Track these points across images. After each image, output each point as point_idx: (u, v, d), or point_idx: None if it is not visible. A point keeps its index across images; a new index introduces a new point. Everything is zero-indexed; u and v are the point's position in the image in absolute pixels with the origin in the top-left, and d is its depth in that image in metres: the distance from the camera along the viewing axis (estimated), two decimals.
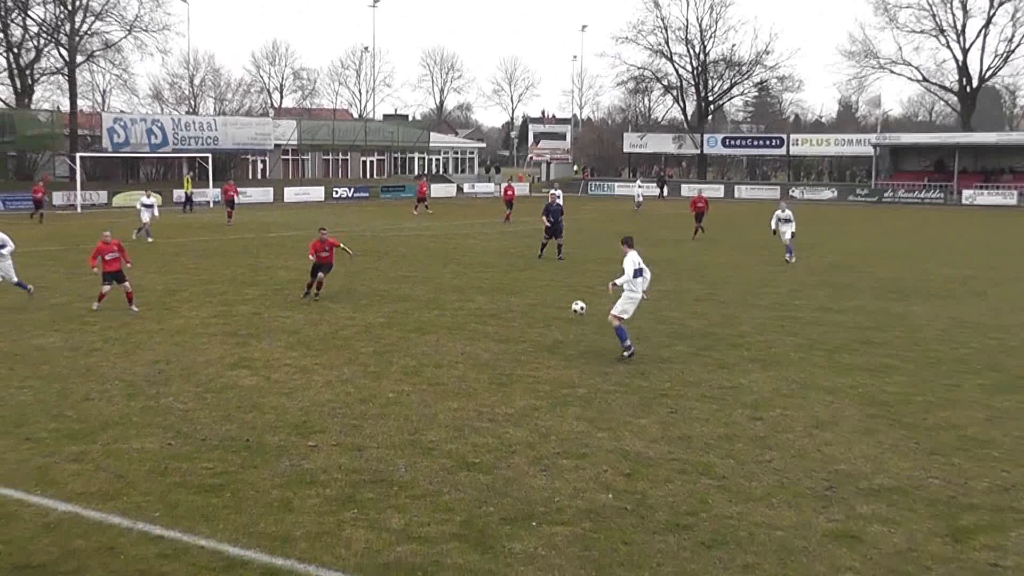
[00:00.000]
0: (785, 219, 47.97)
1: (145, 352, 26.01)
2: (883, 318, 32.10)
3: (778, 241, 48.58)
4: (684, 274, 42.69)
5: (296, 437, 18.42)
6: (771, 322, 31.07)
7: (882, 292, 37.92)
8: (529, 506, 14.92)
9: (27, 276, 39.44)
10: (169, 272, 42.65)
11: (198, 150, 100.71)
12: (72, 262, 45.72)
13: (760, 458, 17.42)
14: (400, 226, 49.15)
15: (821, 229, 69.51)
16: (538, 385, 22.57)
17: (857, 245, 58.48)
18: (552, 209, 49.22)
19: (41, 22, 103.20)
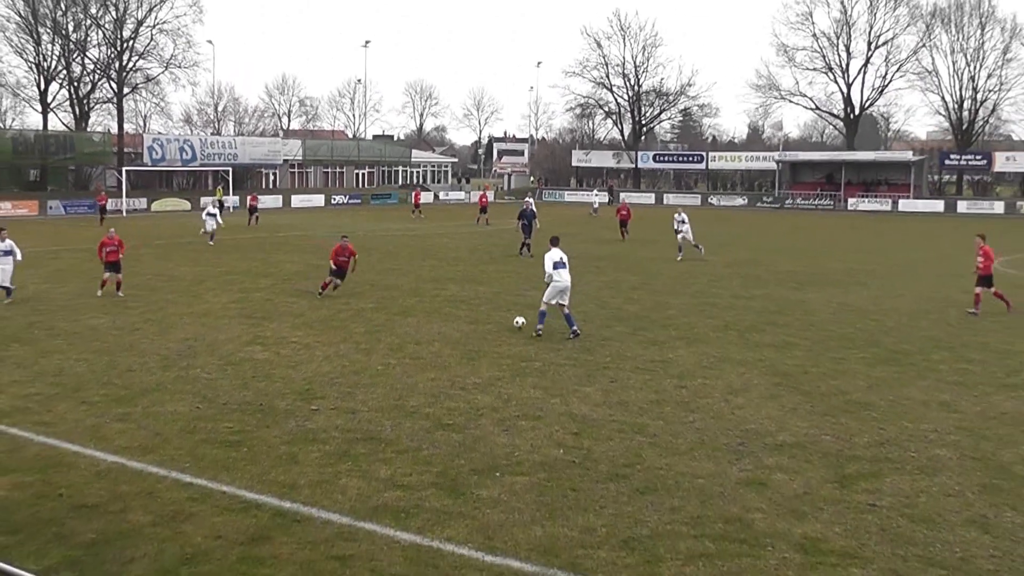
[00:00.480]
0: (680, 221, 47.93)
1: (177, 331, 25.86)
2: (784, 303, 32.13)
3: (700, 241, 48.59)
4: (622, 268, 42.65)
5: (301, 402, 18.32)
6: (694, 307, 31.04)
7: (784, 282, 37.98)
8: (494, 459, 14.85)
9: (82, 269, 39.42)
10: (197, 265, 42.45)
11: (221, 164, 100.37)
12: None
13: (684, 419, 17.38)
14: (387, 227, 49.07)
15: (734, 230, 69.66)
16: (501, 359, 22.48)
17: (764, 243, 58.58)
18: (526, 213, 49.09)
19: (96, 61, 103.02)
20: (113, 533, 11.89)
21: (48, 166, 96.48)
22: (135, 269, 40.01)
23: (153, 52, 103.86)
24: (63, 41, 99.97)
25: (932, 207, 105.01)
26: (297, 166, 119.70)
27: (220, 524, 12.16)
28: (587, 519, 12.50)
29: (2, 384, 19.70)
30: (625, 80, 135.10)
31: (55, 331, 25.83)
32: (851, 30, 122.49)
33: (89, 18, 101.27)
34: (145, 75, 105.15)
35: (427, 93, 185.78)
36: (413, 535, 11.90)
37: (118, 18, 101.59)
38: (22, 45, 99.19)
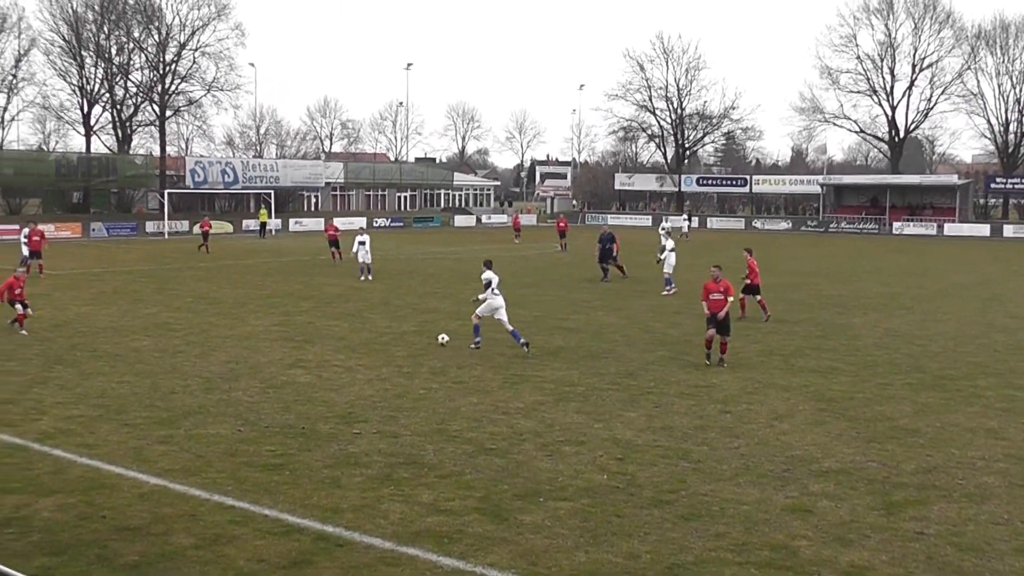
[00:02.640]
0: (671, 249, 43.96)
1: (219, 353, 25.98)
2: (829, 328, 31.98)
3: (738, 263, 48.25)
4: (664, 291, 42.53)
5: (343, 425, 18.36)
6: (737, 331, 30.80)
7: (828, 306, 37.81)
8: (537, 484, 14.83)
9: (126, 292, 39.69)
10: (239, 287, 42.64)
11: (263, 187, 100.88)
12: (161, 279, 45.74)
13: (729, 445, 17.31)
14: (428, 250, 49.25)
15: (778, 254, 69.36)
16: (544, 384, 22.47)
17: (808, 267, 58.33)
18: (604, 237, 48.56)
19: (139, 84, 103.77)
20: (155, 555, 11.94)
21: (91, 189, 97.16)
22: (177, 292, 40.30)
23: (195, 75, 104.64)
24: (106, 64, 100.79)
25: (978, 231, 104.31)
26: (339, 189, 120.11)
27: (262, 548, 12.19)
28: (631, 545, 12.46)
29: (45, 406, 19.85)
30: (668, 103, 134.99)
31: (98, 353, 26.00)
32: (895, 52, 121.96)
33: (132, 41, 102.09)
34: (187, 98, 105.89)
35: (469, 116, 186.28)
36: (455, 560, 11.90)
37: (161, 41, 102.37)
38: (66, 68, 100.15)
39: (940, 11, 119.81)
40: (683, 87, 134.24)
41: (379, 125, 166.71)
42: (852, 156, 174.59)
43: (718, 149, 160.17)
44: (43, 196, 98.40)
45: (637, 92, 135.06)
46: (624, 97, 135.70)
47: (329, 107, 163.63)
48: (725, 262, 32.94)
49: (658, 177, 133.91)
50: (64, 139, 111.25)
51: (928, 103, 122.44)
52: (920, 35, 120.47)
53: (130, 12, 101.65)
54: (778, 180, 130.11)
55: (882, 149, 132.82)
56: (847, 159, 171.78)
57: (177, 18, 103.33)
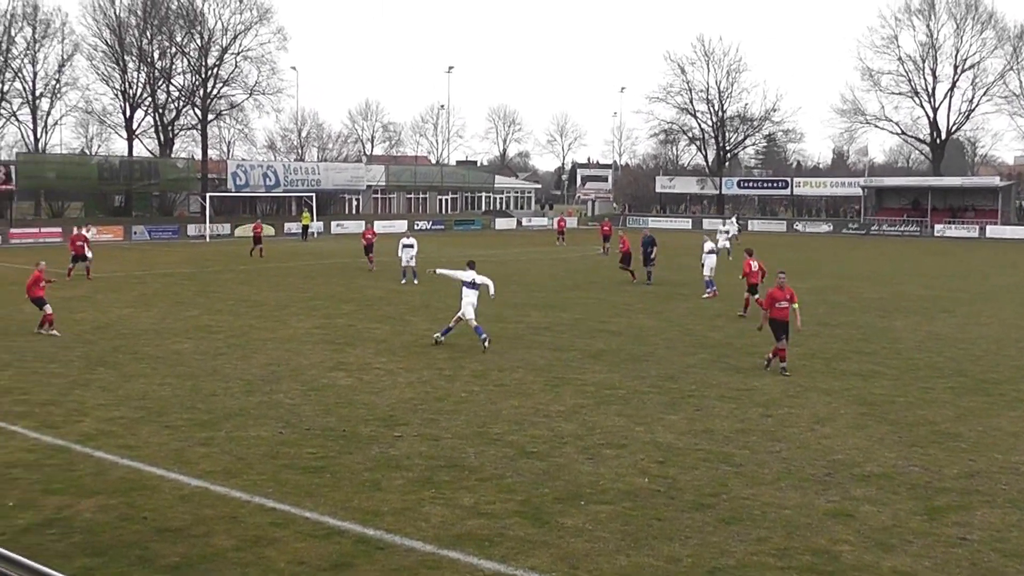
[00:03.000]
0: (709, 251, 43.99)
1: (260, 356, 26.07)
2: (870, 331, 31.79)
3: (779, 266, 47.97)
4: (705, 294, 42.39)
5: (384, 428, 18.38)
6: None
7: (869, 309, 37.59)
8: (578, 488, 14.80)
9: (167, 294, 39.93)
10: (281, 290, 42.77)
11: (304, 190, 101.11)
12: (202, 281, 45.97)
13: (770, 449, 17.24)
14: (469, 253, 49.22)
15: (819, 257, 69.01)
16: (585, 387, 22.44)
17: (849, 270, 58.00)
18: (645, 241, 48.44)
19: (181, 88, 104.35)
20: (196, 557, 11.98)
21: (133, 192, 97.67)
22: (219, 295, 40.46)
23: (237, 79, 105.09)
24: (149, 69, 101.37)
25: (1020, 233, 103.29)
26: (380, 192, 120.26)
27: (303, 550, 12.20)
28: (672, 549, 12.41)
29: (87, 408, 19.95)
30: (709, 106, 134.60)
31: (139, 355, 26.14)
32: (937, 53, 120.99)
33: (175, 46, 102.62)
34: (229, 102, 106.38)
35: (510, 119, 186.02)
36: (496, 564, 11.88)
37: (203, 46, 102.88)
38: (109, 73, 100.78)
39: (982, 11, 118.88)
40: (724, 89, 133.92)
41: (420, 128, 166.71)
42: (893, 158, 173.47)
43: (759, 151, 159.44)
44: (85, 199, 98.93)
45: (678, 95, 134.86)
46: (665, 100, 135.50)
47: (370, 110, 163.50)
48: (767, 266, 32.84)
49: (699, 180, 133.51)
50: (106, 143, 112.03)
51: (970, 104, 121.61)
52: (962, 36, 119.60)
53: (173, 17, 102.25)
54: (819, 182, 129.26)
55: (923, 151, 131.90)
56: (888, 161, 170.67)
57: (219, 22, 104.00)
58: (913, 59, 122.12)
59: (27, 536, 12.65)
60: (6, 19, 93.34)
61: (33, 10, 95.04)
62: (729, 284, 42.83)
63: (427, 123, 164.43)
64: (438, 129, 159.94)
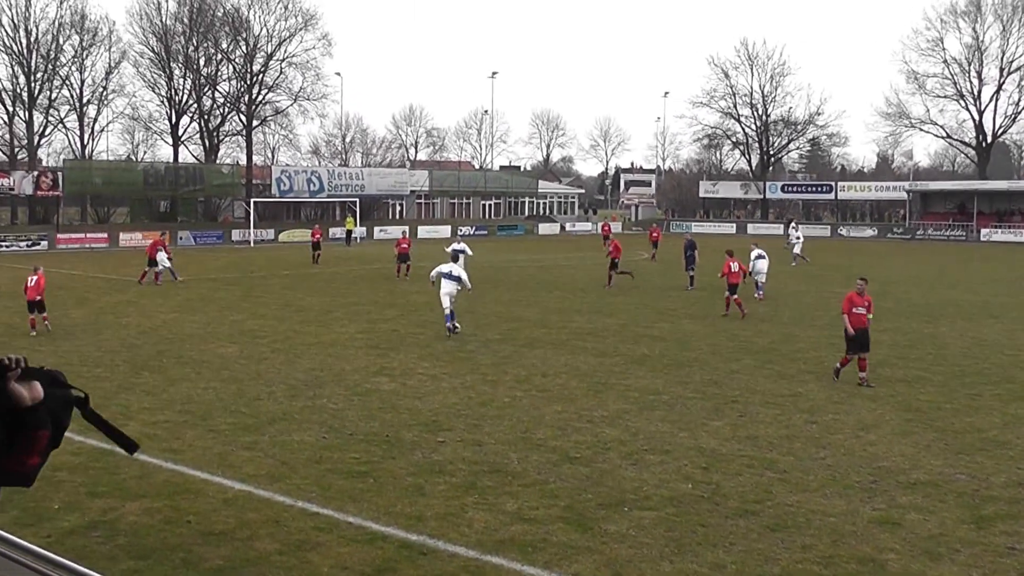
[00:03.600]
0: (757, 256, 44.13)
1: (304, 360, 26.14)
2: (916, 337, 31.56)
3: (822, 272, 47.89)
4: (750, 299, 42.18)
5: (427, 434, 18.37)
6: (823, 340, 30.59)
7: (915, 315, 37.32)
8: (621, 494, 14.74)
9: (212, 299, 40.13)
10: (325, 295, 42.87)
11: (348, 195, 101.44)
12: (247, 287, 46.15)
13: (815, 455, 17.12)
14: (512, 258, 49.20)
15: (864, 261, 68.45)
16: (628, 392, 22.37)
17: (894, 275, 57.57)
18: (686, 245, 48.33)
19: (226, 95, 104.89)
20: (240, 560, 11.99)
21: (178, 197, 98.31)
22: (263, 299, 40.62)
23: (282, 85, 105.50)
24: (194, 76, 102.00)
25: None
26: (424, 197, 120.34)
27: (346, 555, 12.20)
28: (716, 555, 12.34)
29: (132, 411, 20.05)
30: (753, 110, 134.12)
31: (184, 359, 26.27)
32: (983, 56, 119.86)
33: (220, 53, 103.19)
34: (274, 108, 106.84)
35: (554, 124, 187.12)
36: (540, 569, 11.84)
37: (248, 52, 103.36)
38: (155, 80, 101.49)
39: None
40: (768, 93, 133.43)
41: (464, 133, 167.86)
42: (939, 162, 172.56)
43: (803, 155, 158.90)
44: (131, 205, 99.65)
45: (722, 99, 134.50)
46: (708, 104, 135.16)
47: (414, 115, 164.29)
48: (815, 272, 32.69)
49: (742, 184, 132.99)
50: (152, 149, 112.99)
51: (1016, 107, 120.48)
52: (1008, 38, 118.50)
53: (218, 24, 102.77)
54: (864, 186, 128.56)
55: (969, 154, 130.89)
56: (933, 165, 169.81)
57: (264, 29, 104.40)
58: (958, 61, 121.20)
59: (72, 538, 12.72)
60: (54, 27, 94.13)
61: (81, 19, 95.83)
62: (712, 287, 42.61)
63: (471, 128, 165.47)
64: (482, 134, 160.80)
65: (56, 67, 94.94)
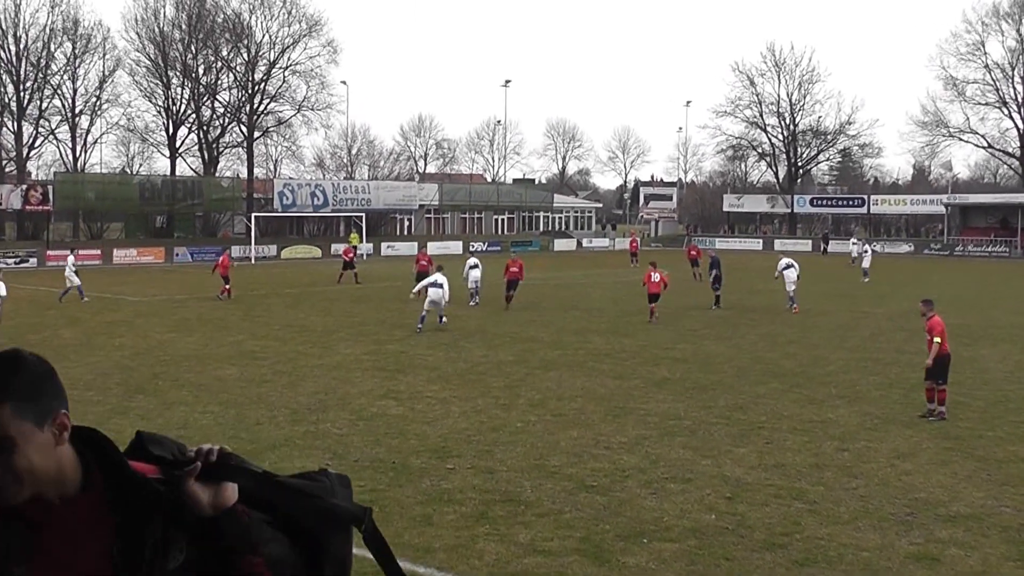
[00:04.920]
0: (786, 266, 46.89)
1: (307, 383, 26.13)
2: (955, 360, 31.05)
3: (862, 290, 47.79)
4: (777, 320, 42.16)
5: (436, 460, 18.33)
6: (855, 362, 30.53)
7: (953, 336, 36.87)
8: (641, 525, 14.68)
9: (210, 319, 40.17)
10: (329, 315, 42.92)
11: (354, 210, 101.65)
12: (247, 306, 46.17)
13: (847, 485, 17.03)
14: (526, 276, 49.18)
15: (899, 279, 68.26)
16: (648, 417, 22.31)
17: (930, 294, 57.17)
18: (711, 263, 48.31)
19: (226, 104, 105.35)
20: None
21: (175, 212, 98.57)
22: (264, 319, 40.64)
23: (285, 94, 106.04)
24: (193, 85, 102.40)
25: None
26: (433, 211, 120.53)
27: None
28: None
29: (126, 437, 19.80)
30: (780, 119, 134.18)
31: (180, 382, 26.28)
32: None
33: (220, 60, 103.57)
34: (277, 118, 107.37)
35: (570, 134, 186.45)
36: None
37: (250, 60, 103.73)
38: (151, 89, 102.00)
39: None
40: (796, 102, 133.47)
41: (476, 144, 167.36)
42: (979, 173, 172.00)
43: (833, 167, 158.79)
44: (126, 220, 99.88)
45: (747, 108, 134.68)
46: (733, 113, 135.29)
47: (424, 126, 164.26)
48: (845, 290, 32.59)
49: (769, 198, 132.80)
50: (148, 161, 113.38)
51: None
52: None
53: (218, 31, 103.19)
54: (898, 200, 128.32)
55: (1013, 165, 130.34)
56: (974, 176, 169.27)
57: (267, 36, 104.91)
58: (1001, 67, 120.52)
59: None
60: (45, 34, 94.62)
61: (73, 24, 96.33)
62: (740, 306, 42.45)
63: (483, 139, 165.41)
64: (494, 146, 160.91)
65: (47, 75, 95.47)
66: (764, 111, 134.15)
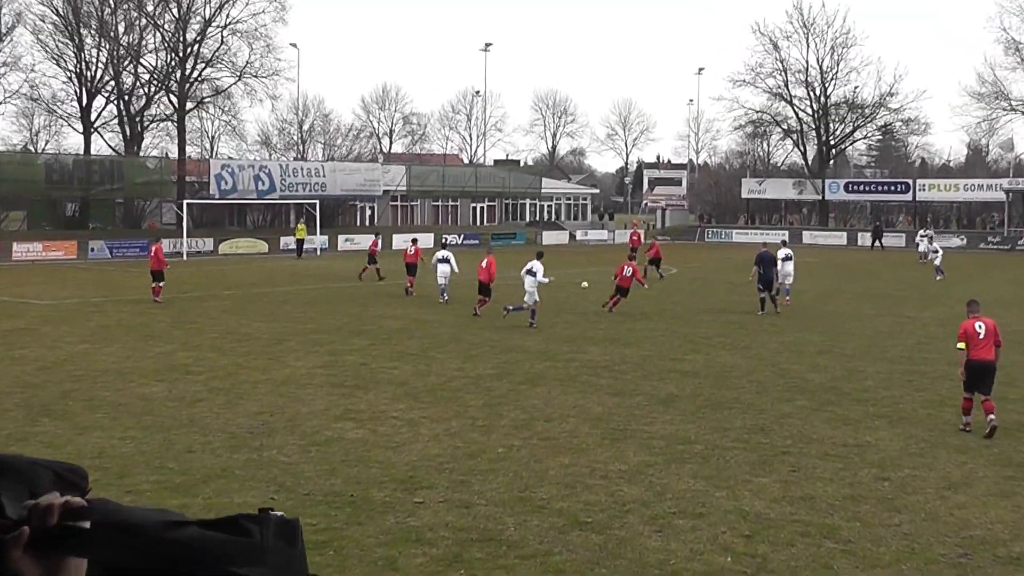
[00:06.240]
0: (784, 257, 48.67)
1: (249, 403, 26.14)
2: (1018, 372, 31.34)
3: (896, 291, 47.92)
4: (804, 325, 42.27)
5: (402, 493, 18.37)
6: (898, 376, 30.64)
7: (1017, 345, 37.10)
8: (644, 568, 14.73)
9: (132, 326, 40.09)
10: (275, 320, 42.93)
11: (306, 196, 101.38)
12: (178, 310, 46.12)
13: (888, 521, 17.09)
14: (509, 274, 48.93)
15: (950, 277, 68.36)
16: (653, 440, 22.39)
17: (989, 295, 57.29)
18: (764, 258, 47.30)
19: (152, 70, 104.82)
20: None
21: (90, 199, 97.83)
22: (198, 326, 40.61)
23: (224, 58, 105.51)
24: (111, 46, 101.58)
25: None
26: (400, 199, 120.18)
27: None
28: None
29: None
30: (809, 90, 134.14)
31: (96, 402, 26.22)
32: None
33: (145, 17, 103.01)
34: (213, 87, 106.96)
35: (561, 108, 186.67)
36: None
37: (181, 17, 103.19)
38: (60, 50, 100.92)
39: None
40: (827, 69, 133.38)
41: (450, 120, 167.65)
42: None
43: (872, 146, 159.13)
44: (29, 208, 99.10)
45: (770, 77, 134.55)
46: (753, 83, 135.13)
47: (389, 98, 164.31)
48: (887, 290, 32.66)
49: (796, 182, 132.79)
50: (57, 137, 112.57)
51: None
52: None
53: None
54: (950, 185, 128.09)
55: None
56: None
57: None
58: None
59: None
60: None
61: None
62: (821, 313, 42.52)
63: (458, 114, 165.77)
64: (472, 121, 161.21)
65: None
66: (790, 80, 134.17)
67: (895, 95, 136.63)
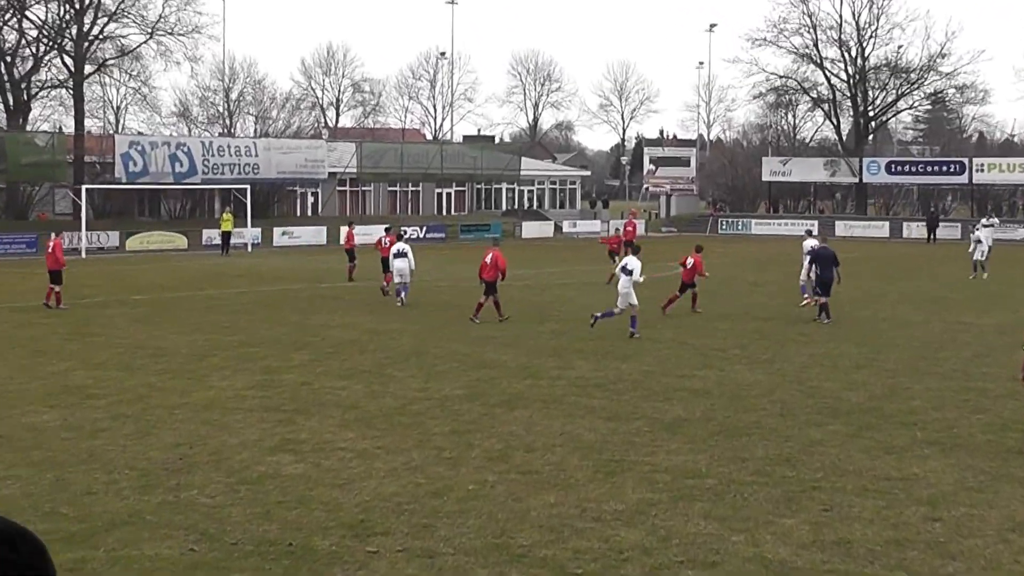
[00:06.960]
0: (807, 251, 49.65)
1: (164, 432, 26.07)
2: None
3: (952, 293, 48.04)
4: (838, 335, 42.33)
5: (352, 540, 18.35)
6: (951, 395, 30.68)
7: None
8: None
9: (19, 339, 39.95)
10: (197, 331, 42.87)
11: (234, 180, 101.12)
12: (76, 320, 46.06)
13: (941, 570, 17.12)
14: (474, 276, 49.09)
15: (1015, 276, 68.61)
16: (656, 474, 22.40)
17: None
18: (820, 255, 46.85)
19: (41, 25, 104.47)
20: None
21: None
22: (101, 339, 40.52)
23: (131, 11, 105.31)
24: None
25: None
26: (349, 183, 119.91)
27: None
28: None
29: None
30: (843, 50, 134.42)
31: None
32: None
33: None
34: (118, 46, 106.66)
35: (544, 73, 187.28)
36: None
37: None
38: None
39: None
40: (865, 26, 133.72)
41: (410, 87, 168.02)
42: None
43: (919, 119, 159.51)
44: None
45: (796, 35, 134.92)
46: (776, 43, 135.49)
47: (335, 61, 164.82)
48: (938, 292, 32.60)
49: (828, 162, 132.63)
50: None
51: None
52: None
53: None
54: (1013, 164, 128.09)
55: None
56: None
57: None
58: None
59: None
60: None
61: None
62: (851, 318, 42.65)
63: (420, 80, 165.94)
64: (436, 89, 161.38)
65: None
66: (820, 39, 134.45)
67: (947, 56, 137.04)
